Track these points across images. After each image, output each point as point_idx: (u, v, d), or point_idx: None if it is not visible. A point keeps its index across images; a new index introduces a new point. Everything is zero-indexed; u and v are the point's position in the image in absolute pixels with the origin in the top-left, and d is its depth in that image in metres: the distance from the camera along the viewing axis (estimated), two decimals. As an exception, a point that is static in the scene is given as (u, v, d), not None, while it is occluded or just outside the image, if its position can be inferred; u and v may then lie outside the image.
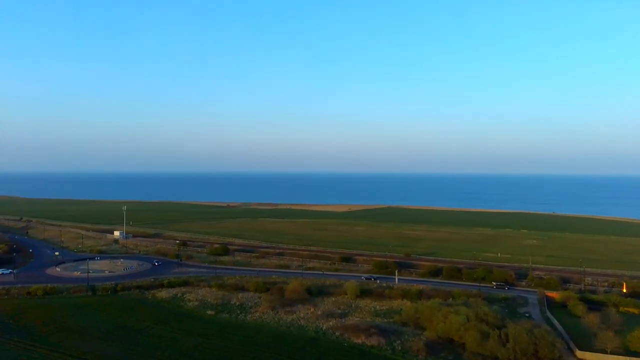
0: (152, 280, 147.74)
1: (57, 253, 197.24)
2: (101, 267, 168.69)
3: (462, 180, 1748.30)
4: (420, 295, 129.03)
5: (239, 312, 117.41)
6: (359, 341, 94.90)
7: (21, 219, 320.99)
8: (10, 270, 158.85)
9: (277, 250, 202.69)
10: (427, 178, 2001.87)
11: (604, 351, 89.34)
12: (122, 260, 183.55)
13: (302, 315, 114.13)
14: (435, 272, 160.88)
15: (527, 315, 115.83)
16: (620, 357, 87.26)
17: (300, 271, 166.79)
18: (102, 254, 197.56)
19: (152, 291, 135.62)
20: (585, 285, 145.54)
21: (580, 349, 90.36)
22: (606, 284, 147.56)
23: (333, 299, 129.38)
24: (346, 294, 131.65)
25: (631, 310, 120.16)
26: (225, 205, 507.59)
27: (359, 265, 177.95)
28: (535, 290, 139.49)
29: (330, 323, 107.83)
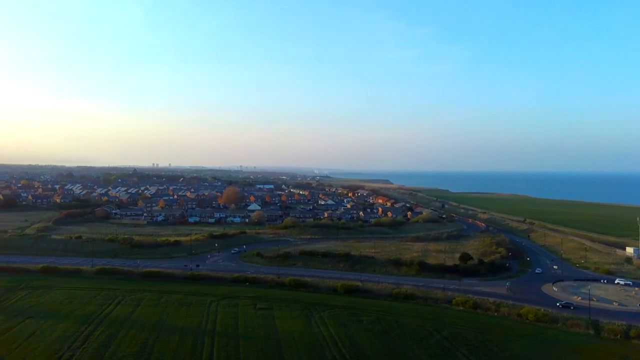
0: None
1: (555, 266, 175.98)
2: (608, 296, 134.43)
3: None
4: None
5: None
6: None
7: (524, 220, 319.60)
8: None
9: None
10: None
11: None
12: (637, 289, 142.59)
13: None
14: None
15: None
16: None
17: None
18: (610, 276, 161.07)
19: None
20: None
21: None
22: None
23: None
24: None
25: None
26: None
27: None
28: None
29: None
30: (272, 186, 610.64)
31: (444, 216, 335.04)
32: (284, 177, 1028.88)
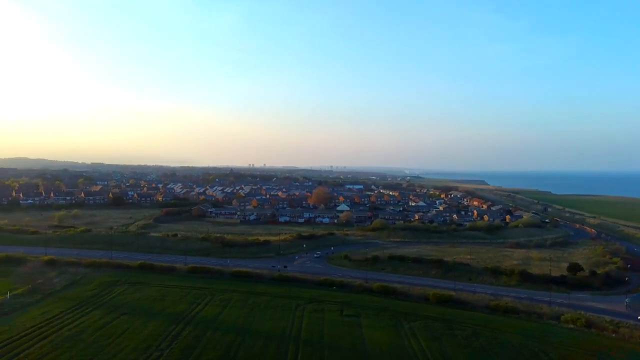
0: None
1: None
2: None
3: None
4: None
5: None
6: None
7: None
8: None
9: None
10: None
11: None
12: None
13: None
14: None
15: None
16: None
17: None
18: None
19: None
20: None
21: None
22: None
23: None
24: None
25: None
26: None
27: None
28: None
29: None
30: (361, 186, 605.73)
31: (547, 220, 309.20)
32: (373, 177, 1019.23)
